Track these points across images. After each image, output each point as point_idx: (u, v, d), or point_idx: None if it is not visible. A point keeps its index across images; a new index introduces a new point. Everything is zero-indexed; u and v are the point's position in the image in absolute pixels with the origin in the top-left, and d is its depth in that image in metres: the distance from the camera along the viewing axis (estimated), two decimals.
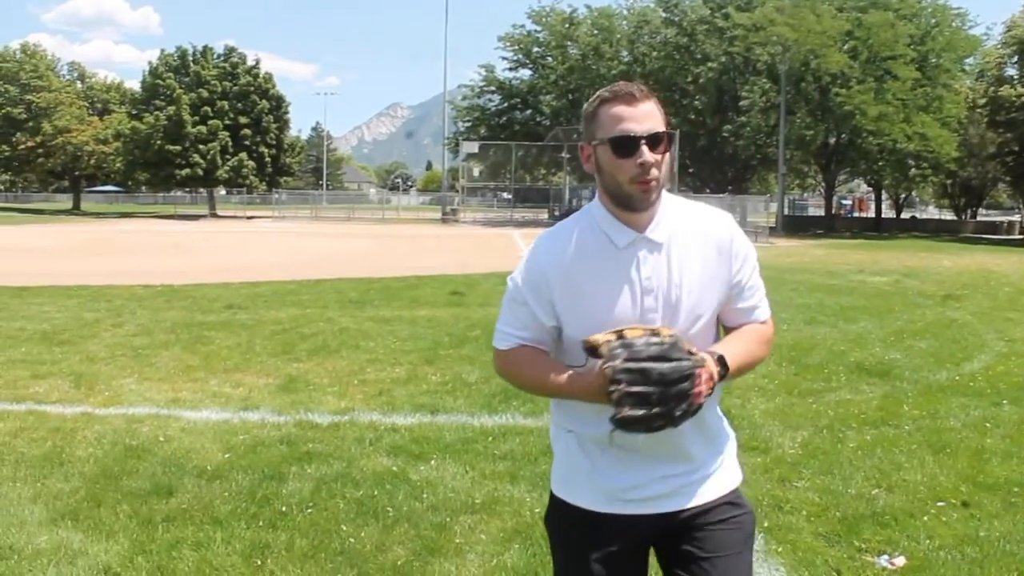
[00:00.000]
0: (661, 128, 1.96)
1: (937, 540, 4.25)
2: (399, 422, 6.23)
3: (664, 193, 2.04)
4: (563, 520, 2.17)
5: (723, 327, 2.17)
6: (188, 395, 7.02)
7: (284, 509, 4.50)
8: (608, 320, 1.96)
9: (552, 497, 2.21)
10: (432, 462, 5.31)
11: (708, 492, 2.12)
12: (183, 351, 8.83)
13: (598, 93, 2.05)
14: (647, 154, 1.93)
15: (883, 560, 4.00)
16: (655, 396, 1.82)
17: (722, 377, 1.95)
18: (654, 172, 1.94)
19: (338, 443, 5.70)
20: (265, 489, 4.80)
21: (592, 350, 1.90)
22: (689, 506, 2.10)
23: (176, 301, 12.62)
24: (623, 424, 1.84)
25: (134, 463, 5.22)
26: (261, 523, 4.32)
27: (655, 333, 1.89)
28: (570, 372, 2.00)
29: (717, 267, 2.05)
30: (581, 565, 2.10)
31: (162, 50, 61.46)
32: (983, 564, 3.97)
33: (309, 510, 4.50)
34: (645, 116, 1.95)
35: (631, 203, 1.98)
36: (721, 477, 2.16)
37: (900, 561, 3.98)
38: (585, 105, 2.10)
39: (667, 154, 1.99)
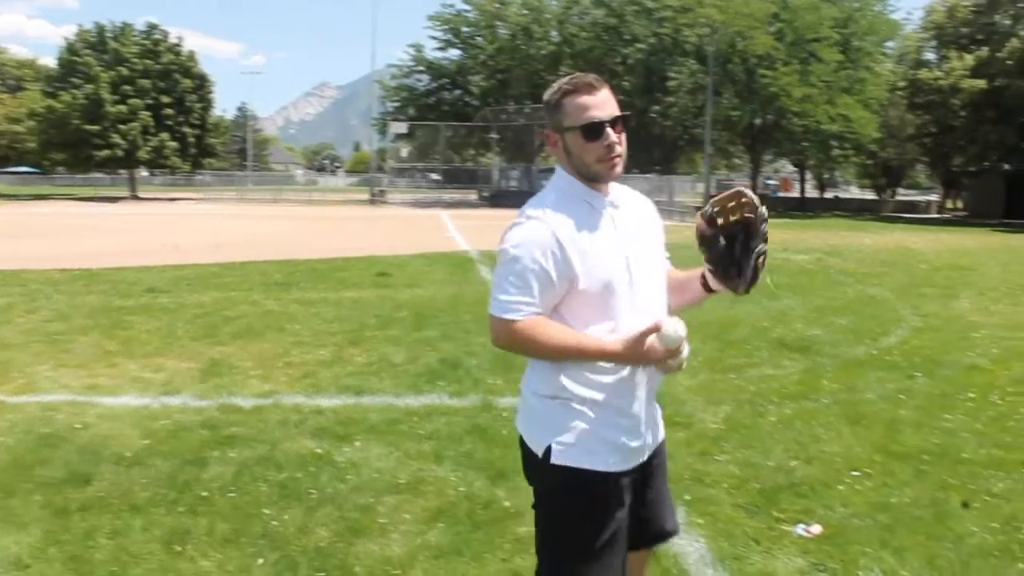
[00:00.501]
0: (619, 112, 2.28)
1: (851, 508, 4.39)
2: (324, 404, 6.18)
3: None
4: (585, 488, 2.28)
5: None
6: (106, 381, 6.85)
7: (205, 494, 4.44)
8: (612, 266, 2.27)
9: (566, 470, 2.28)
10: (357, 443, 5.28)
11: (660, 433, 2.52)
12: (101, 336, 8.61)
13: (559, 85, 2.32)
14: (612, 136, 2.26)
15: (800, 529, 4.10)
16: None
17: None
18: (618, 149, 2.27)
19: (261, 426, 5.63)
20: (186, 474, 4.72)
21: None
22: (655, 447, 2.48)
23: (94, 285, 12.28)
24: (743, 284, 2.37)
25: (48, 451, 5.08)
26: (181, 509, 4.25)
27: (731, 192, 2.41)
28: (596, 336, 2.25)
29: (657, 227, 2.49)
30: (606, 527, 2.28)
31: (79, 26, 59.38)
32: (893, 529, 4.11)
33: (231, 494, 4.44)
34: (605, 103, 2.26)
35: (599, 178, 2.30)
36: (661, 419, 2.54)
37: (816, 529, 4.09)
38: (547, 95, 2.34)
39: (623, 132, 2.30)
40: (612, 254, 2.27)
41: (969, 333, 9.53)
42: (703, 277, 2.46)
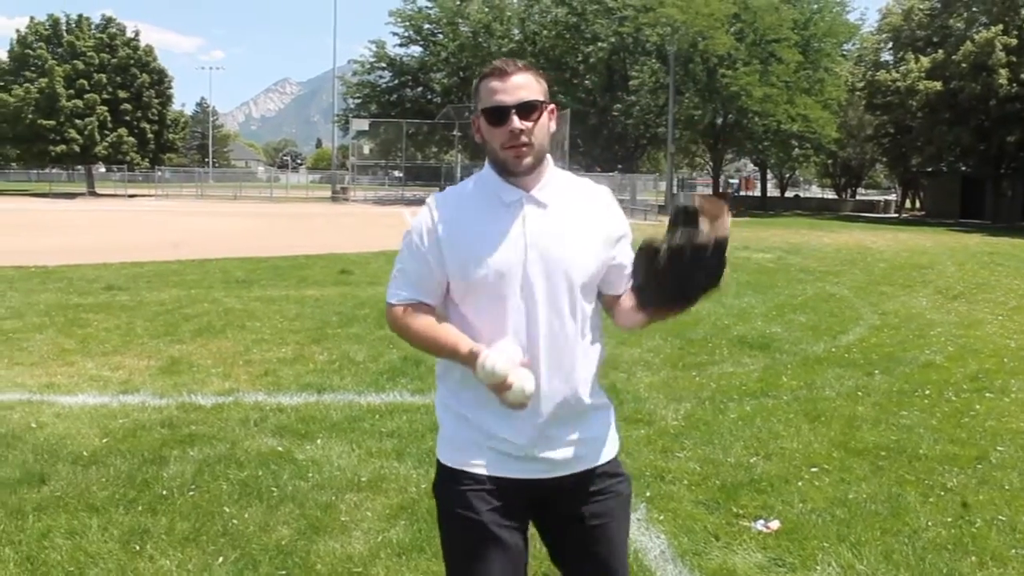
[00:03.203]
0: (532, 97, 2.10)
1: (810, 503, 4.44)
2: (285, 402, 6.13)
3: (552, 165, 2.21)
4: (452, 486, 2.19)
5: (608, 297, 2.26)
6: (63, 379, 6.75)
7: (164, 493, 4.39)
8: (495, 268, 2.10)
9: (440, 466, 2.24)
10: (318, 441, 5.25)
11: (589, 459, 2.22)
12: (58, 334, 8.47)
13: (482, 70, 2.20)
14: (516, 122, 2.08)
15: (759, 524, 4.15)
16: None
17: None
18: (524, 138, 2.09)
19: (222, 425, 5.57)
20: (145, 473, 4.67)
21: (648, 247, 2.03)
22: (570, 472, 2.19)
23: (51, 282, 12.08)
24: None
25: (2, 451, 4.98)
26: (140, 508, 4.20)
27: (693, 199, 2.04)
28: (458, 338, 2.12)
29: (599, 233, 2.18)
30: (468, 529, 2.14)
31: (31, 18, 58.37)
32: (850, 524, 4.17)
33: (191, 493, 4.40)
34: (516, 88, 2.10)
35: (507, 167, 2.13)
36: (601, 446, 2.26)
37: (775, 524, 4.14)
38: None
39: (539, 122, 2.13)
40: (504, 252, 2.11)
41: (926, 331, 9.69)
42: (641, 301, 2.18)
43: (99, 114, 54.70)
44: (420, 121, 57.31)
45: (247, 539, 3.86)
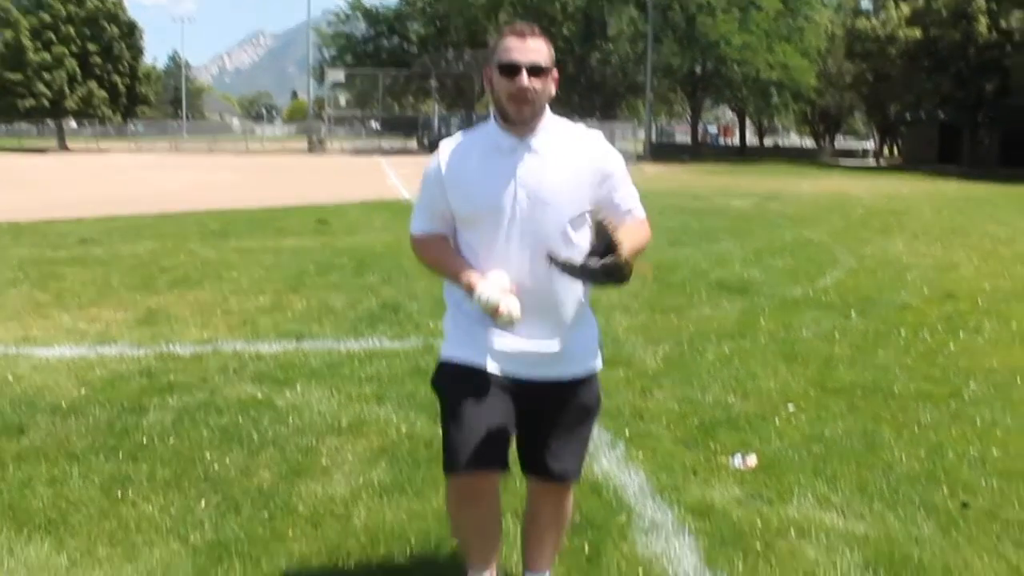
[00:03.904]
0: (542, 62, 2.44)
1: (786, 440, 4.50)
2: (264, 350, 6.12)
3: (549, 114, 2.53)
4: (448, 376, 2.57)
5: None
6: (39, 332, 6.69)
7: (144, 441, 4.38)
8: (487, 204, 2.46)
9: (439, 364, 2.62)
10: (298, 387, 5.25)
11: (568, 371, 2.59)
12: (33, 288, 8.39)
13: (504, 28, 2.57)
14: (525, 80, 2.40)
15: (736, 460, 4.20)
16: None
17: None
18: (529, 96, 2.41)
19: (201, 373, 5.56)
20: (124, 422, 4.65)
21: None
22: (551, 379, 2.57)
23: (23, 237, 11.94)
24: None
25: None
26: (120, 455, 4.18)
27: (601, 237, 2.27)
28: (461, 268, 2.50)
29: (586, 174, 2.51)
30: (462, 409, 2.47)
31: None
32: (826, 459, 4.23)
33: (171, 440, 4.39)
34: (530, 50, 2.42)
35: (508, 117, 2.46)
36: (581, 360, 2.63)
37: (752, 461, 4.19)
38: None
39: (544, 84, 2.46)
40: (495, 191, 2.45)
41: (903, 274, 9.78)
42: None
43: (68, 67, 53.62)
44: (397, 71, 56.67)
45: (228, 483, 3.87)
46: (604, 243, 2.24)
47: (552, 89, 2.50)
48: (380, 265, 9.68)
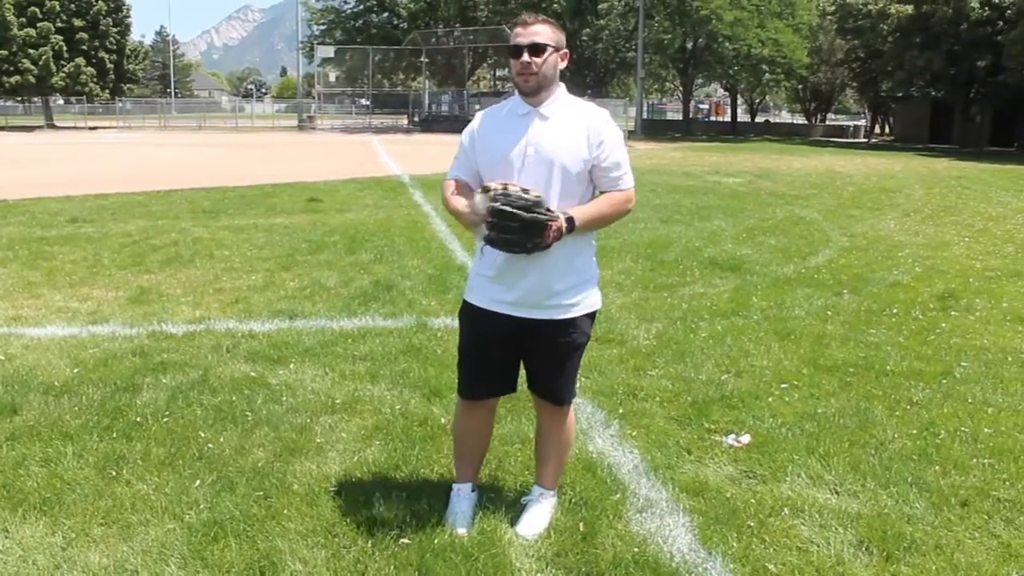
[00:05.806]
0: (541, 41, 3.01)
1: (780, 418, 4.52)
2: (257, 328, 6.11)
3: (564, 92, 3.13)
4: (464, 315, 3.28)
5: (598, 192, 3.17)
6: (30, 312, 6.66)
7: (139, 420, 4.37)
8: (503, 160, 3.05)
9: (463, 303, 3.29)
10: (291, 366, 5.25)
11: (561, 312, 3.13)
12: (23, 267, 8.34)
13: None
14: (525, 56, 3.01)
15: (730, 439, 4.22)
16: (515, 233, 2.85)
17: (569, 230, 2.95)
18: (531, 69, 3.01)
19: (194, 352, 5.55)
20: (118, 401, 4.64)
21: (485, 191, 2.89)
22: (546, 318, 3.12)
23: (12, 216, 11.84)
24: (490, 242, 2.92)
25: None
26: (115, 435, 4.18)
27: (526, 191, 2.87)
28: (463, 202, 3.03)
29: (583, 143, 3.06)
30: (471, 341, 3.27)
31: None
32: (819, 437, 4.25)
33: (165, 419, 4.39)
34: (531, 34, 3.02)
35: (518, 87, 3.09)
36: (573, 305, 3.14)
37: (745, 439, 4.21)
38: None
39: (546, 60, 3.02)
40: (509, 145, 3.06)
41: (894, 252, 9.80)
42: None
43: (54, 43, 52.98)
44: (387, 47, 56.22)
45: (223, 462, 3.88)
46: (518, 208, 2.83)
47: (558, 63, 3.07)
48: (372, 243, 9.66)
